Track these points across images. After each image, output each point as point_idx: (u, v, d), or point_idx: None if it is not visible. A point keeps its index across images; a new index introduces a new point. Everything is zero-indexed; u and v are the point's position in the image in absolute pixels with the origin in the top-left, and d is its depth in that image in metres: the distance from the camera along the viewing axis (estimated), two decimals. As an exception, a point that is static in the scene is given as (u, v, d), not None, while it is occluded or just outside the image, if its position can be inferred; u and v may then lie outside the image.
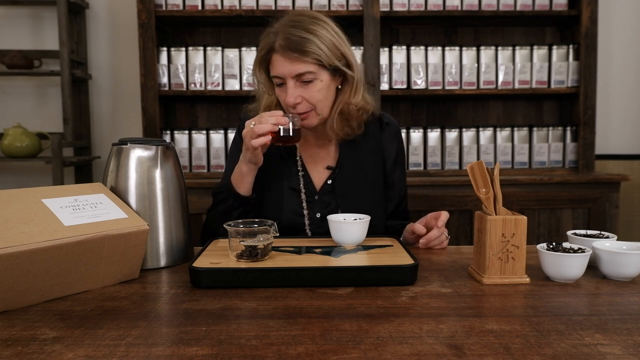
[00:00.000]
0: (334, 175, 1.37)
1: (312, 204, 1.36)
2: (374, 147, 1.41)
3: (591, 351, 0.67)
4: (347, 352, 0.67)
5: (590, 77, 2.51)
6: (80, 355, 0.67)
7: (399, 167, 1.45)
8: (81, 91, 2.70)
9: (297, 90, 1.27)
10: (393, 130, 1.45)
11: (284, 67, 1.26)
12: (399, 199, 1.46)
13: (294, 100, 1.26)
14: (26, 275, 0.83)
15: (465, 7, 2.50)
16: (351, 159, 1.38)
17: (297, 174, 1.37)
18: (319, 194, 1.36)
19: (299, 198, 1.36)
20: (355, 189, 1.36)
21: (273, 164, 1.36)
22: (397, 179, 1.45)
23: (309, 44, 1.24)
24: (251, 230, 1.02)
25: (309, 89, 1.27)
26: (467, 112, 2.80)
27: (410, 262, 0.98)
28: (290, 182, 1.36)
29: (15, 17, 2.70)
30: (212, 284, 0.94)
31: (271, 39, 1.29)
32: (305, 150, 1.41)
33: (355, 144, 1.39)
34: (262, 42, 1.33)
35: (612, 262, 0.97)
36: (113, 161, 1.09)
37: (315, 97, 1.28)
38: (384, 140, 1.43)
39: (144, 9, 2.39)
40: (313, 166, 1.39)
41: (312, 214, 1.35)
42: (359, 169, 1.38)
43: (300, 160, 1.39)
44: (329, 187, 1.37)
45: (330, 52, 1.27)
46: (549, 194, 2.41)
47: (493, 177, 0.99)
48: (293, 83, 1.27)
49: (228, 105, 2.76)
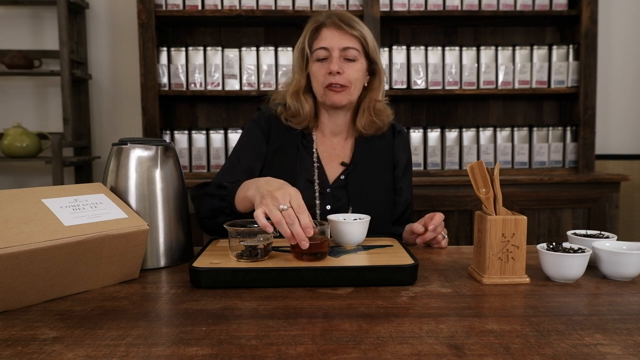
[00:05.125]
0: (348, 171, 1.42)
1: (324, 196, 1.39)
2: (387, 151, 1.47)
3: (591, 351, 0.67)
4: (347, 352, 0.67)
5: (590, 77, 2.51)
6: (80, 355, 0.67)
7: (407, 174, 1.50)
8: (81, 91, 2.70)
9: (340, 63, 1.35)
10: (405, 139, 1.51)
11: (333, 38, 1.36)
12: (405, 206, 1.48)
13: (338, 68, 1.33)
14: (26, 275, 0.83)
15: (465, 7, 2.50)
16: (365, 158, 1.43)
17: (313, 166, 1.41)
18: (331, 187, 1.40)
19: (312, 190, 1.39)
20: (368, 187, 1.40)
21: (291, 157, 1.40)
22: (406, 186, 1.49)
23: (358, 25, 1.38)
24: (251, 230, 1.02)
25: (351, 67, 1.36)
26: (467, 112, 2.80)
27: (410, 262, 0.98)
28: (306, 174, 1.40)
29: (15, 17, 2.70)
30: (212, 284, 0.94)
31: (320, 19, 1.40)
32: (322, 144, 1.45)
33: (370, 144, 1.45)
34: (309, 23, 1.42)
35: (612, 262, 0.97)
36: (113, 161, 1.09)
37: (354, 76, 1.36)
38: (395, 146, 1.48)
39: (144, 9, 2.39)
40: (328, 160, 1.44)
41: (323, 206, 1.38)
42: (372, 169, 1.43)
43: (317, 153, 1.43)
44: (342, 182, 1.41)
45: (371, 44, 1.39)
46: (549, 194, 2.41)
47: (493, 177, 0.99)
48: (338, 54, 1.35)
49: (228, 105, 2.76)
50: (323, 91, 1.37)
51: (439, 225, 1.25)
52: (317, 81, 1.38)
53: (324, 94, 1.37)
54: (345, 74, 1.35)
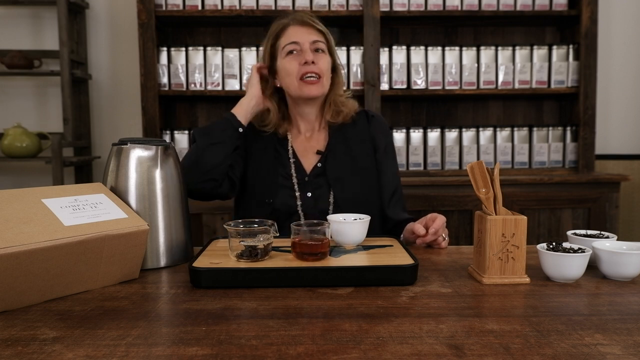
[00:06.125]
0: (323, 158, 1.45)
1: (303, 185, 1.43)
2: (363, 136, 1.50)
3: (591, 351, 0.67)
4: (347, 352, 0.67)
5: (590, 77, 2.51)
6: (80, 355, 0.67)
7: (389, 156, 1.53)
8: (81, 91, 2.70)
9: (312, 55, 1.39)
10: (380, 123, 1.55)
11: (302, 33, 1.41)
12: (392, 189, 1.50)
13: (312, 58, 1.38)
14: (26, 275, 0.83)
15: (465, 7, 2.50)
16: (340, 146, 1.47)
17: (289, 161, 1.45)
18: (309, 176, 1.44)
19: (290, 182, 1.43)
20: (346, 172, 1.43)
21: (268, 157, 1.46)
22: (389, 167, 1.52)
23: (320, 23, 1.44)
24: (251, 230, 1.02)
25: (321, 57, 1.41)
26: (467, 112, 2.80)
27: (410, 262, 0.98)
28: (283, 169, 1.44)
29: (15, 17, 2.70)
30: (212, 284, 0.94)
31: (283, 20, 1.45)
32: (296, 141, 1.49)
33: (343, 132, 1.49)
34: (272, 26, 1.47)
35: (612, 262, 0.97)
36: (113, 161, 1.09)
37: (324, 67, 1.41)
38: (372, 130, 1.52)
39: (144, 9, 2.39)
40: (304, 154, 1.48)
41: (303, 194, 1.42)
42: (348, 155, 1.46)
43: (292, 149, 1.47)
44: (319, 170, 1.44)
45: (331, 41, 1.46)
46: (549, 194, 2.41)
47: (493, 177, 0.99)
48: (308, 46, 1.40)
49: (228, 105, 2.73)
50: (297, 83, 1.40)
51: (440, 228, 1.25)
52: (289, 75, 1.40)
53: (299, 87, 1.40)
54: (318, 65, 1.39)
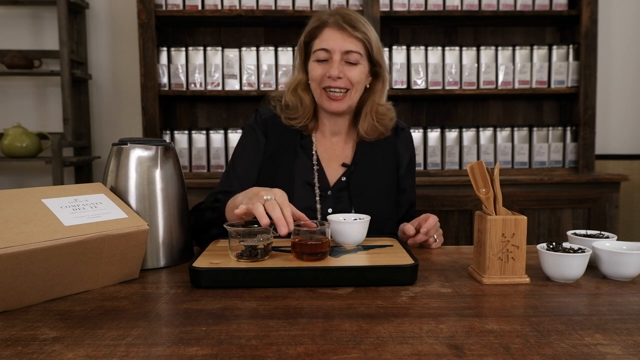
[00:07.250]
0: (349, 172, 1.38)
1: (325, 199, 1.36)
2: (389, 151, 1.43)
3: (591, 351, 0.67)
4: (347, 352, 0.67)
5: (590, 77, 2.51)
6: (80, 355, 0.67)
7: (410, 173, 1.48)
8: (81, 91, 2.70)
9: (341, 66, 1.32)
10: (407, 137, 1.48)
11: (336, 39, 1.31)
12: (409, 206, 1.47)
13: (337, 73, 1.30)
14: (26, 275, 0.83)
15: (465, 7, 2.50)
16: (367, 159, 1.40)
17: (312, 168, 1.38)
18: (332, 189, 1.37)
19: (312, 192, 1.36)
20: (370, 189, 1.37)
21: (289, 159, 1.37)
22: (409, 186, 1.47)
23: (363, 25, 1.33)
24: (251, 230, 1.02)
25: (351, 69, 1.32)
26: (467, 112, 2.80)
27: (410, 262, 0.98)
28: (304, 177, 1.37)
29: (15, 17, 2.70)
30: (212, 284, 0.94)
31: (323, 17, 1.35)
32: (322, 145, 1.42)
33: (371, 145, 1.41)
34: (312, 20, 1.37)
35: (612, 262, 0.97)
36: (113, 161, 1.09)
37: (355, 78, 1.33)
38: (399, 145, 1.45)
39: (144, 9, 2.39)
40: (328, 162, 1.40)
41: (324, 209, 1.35)
42: (374, 170, 1.39)
43: (316, 155, 1.40)
44: (343, 184, 1.38)
45: (376, 46, 1.35)
46: (549, 194, 2.41)
47: (493, 177, 0.99)
48: (339, 57, 1.32)
49: (228, 106, 2.76)
50: (320, 93, 1.35)
51: (432, 228, 1.22)
52: (314, 80, 1.35)
53: (320, 97, 1.36)
54: (347, 77, 1.32)
